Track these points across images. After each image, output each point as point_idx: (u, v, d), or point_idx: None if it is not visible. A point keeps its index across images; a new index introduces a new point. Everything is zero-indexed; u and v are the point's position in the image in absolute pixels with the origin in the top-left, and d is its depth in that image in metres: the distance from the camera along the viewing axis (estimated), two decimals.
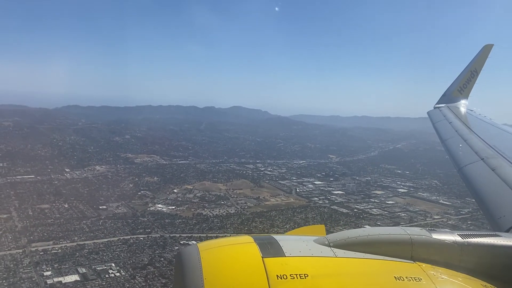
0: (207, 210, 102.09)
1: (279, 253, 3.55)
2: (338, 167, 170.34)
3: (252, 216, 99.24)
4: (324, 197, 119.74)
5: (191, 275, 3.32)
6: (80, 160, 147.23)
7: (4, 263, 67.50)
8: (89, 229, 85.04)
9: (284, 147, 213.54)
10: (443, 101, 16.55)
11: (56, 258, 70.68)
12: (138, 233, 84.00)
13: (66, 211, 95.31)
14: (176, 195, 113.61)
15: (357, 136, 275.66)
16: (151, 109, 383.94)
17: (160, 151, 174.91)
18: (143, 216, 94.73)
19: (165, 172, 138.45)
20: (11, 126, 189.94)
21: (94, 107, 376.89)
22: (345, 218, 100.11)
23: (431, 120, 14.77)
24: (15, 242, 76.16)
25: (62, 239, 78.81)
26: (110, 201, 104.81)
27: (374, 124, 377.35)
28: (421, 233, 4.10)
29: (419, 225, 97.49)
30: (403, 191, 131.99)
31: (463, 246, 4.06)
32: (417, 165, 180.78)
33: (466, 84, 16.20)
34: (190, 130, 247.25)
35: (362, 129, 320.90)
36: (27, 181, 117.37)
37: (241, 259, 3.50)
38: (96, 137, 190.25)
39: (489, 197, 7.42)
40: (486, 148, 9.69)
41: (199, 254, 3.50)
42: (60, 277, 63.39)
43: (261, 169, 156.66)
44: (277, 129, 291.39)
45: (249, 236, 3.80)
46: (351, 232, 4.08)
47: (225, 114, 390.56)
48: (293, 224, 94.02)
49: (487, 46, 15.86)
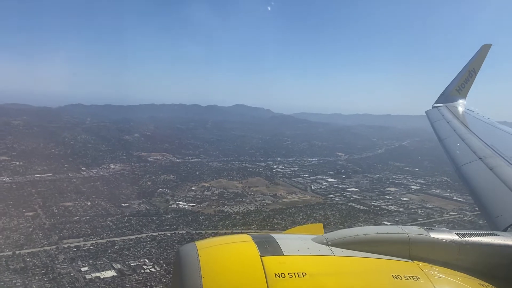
0: (228, 207, 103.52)
1: (278, 251, 3.57)
2: (348, 164, 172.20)
3: (272, 213, 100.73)
4: (339, 194, 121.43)
5: (190, 273, 3.34)
6: (94, 158, 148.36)
7: (40, 259, 68.76)
8: (116, 226, 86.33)
9: (292, 145, 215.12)
10: (441, 100, 16.55)
11: (89, 254, 72.02)
12: (164, 230, 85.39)
13: (89, 209, 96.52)
14: (194, 193, 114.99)
15: (362, 134, 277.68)
16: (154, 108, 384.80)
17: (171, 149, 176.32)
18: (166, 213, 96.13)
19: (180, 170, 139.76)
20: (21, 125, 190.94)
21: (98, 106, 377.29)
22: (363, 214, 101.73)
23: (429, 120, 14.79)
24: (46, 239, 77.37)
25: (91, 236, 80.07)
26: (131, 198, 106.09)
27: (376, 122, 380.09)
28: (419, 232, 4.12)
29: (437, 221, 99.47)
30: (416, 188, 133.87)
31: (461, 245, 4.08)
32: (424, 162, 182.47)
33: (464, 83, 16.27)
34: (197, 129, 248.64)
35: (365, 127, 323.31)
36: (46, 179, 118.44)
37: (239, 257, 3.52)
38: (106, 135, 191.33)
39: (487, 196, 7.39)
40: (484, 148, 9.67)
41: (198, 253, 3.52)
42: (97, 273, 64.70)
43: (273, 167, 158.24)
44: (282, 127, 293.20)
45: (248, 235, 3.84)
46: (349, 231, 4.09)
47: (229, 113, 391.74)
48: (313, 221, 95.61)
49: (485, 46, 15.90)
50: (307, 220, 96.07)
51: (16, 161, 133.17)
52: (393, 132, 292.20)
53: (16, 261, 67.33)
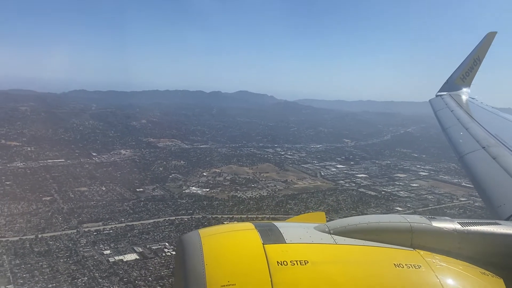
0: (240, 193, 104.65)
1: (280, 239, 3.59)
2: (355, 151, 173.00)
3: (285, 198, 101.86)
4: (349, 180, 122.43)
5: (193, 260, 3.36)
6: (103, 144, 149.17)
7: (63, 243, 70.17)
8: (133, 210, 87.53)
9: (298, 132, 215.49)
10: (445, 89, 16.39)
11: (110, 238, 73.39)
12: (181, 214, 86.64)
13: (105, 194, 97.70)
14: (206, 178, 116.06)
15: (367, 120, 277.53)
16: (158, 94, 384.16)
17: (179, 135, 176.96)
18: (181, 198, 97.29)
19: (189, 156, 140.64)
20: (28, 111, 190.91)
21: (101, 92, 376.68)
22: (375, 200, 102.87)
23: (433, 108, 14.69)
24: (66, 223, 78.70)
25: (110, 220, 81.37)
26: (145, 184, 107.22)
27: (379, 109, 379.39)
28: (421, 221, 4.13)
29: (448, 207, 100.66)
30: (424, 174, 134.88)
31: (463, 234, 4.09)
32: (431, 149, 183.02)
33: (469, 72, 16.06)
34: (202, 115, 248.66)
35: (370, 113, 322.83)
36: (59, 165, 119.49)
37: (242, 245, 3.54)
38: (113, 121, 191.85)
39: (490, 185, 7.38)
40: (488, 137, 9.60)
41: (201, 240, 3.54)
42: (120, 256, 66.08)
43: (281, 153, 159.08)
44: (287, 113, 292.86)
45: (250, 223, 3.85)
46: (351, 220, 4.11)
47: (232, 99, 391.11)
48: (326, 206, 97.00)
49: (491, 33, 15.60)
50: (319, 205, 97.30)
51: (27, 146, 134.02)
52: (398, 119, 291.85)
53: (39, 244, 68.81)
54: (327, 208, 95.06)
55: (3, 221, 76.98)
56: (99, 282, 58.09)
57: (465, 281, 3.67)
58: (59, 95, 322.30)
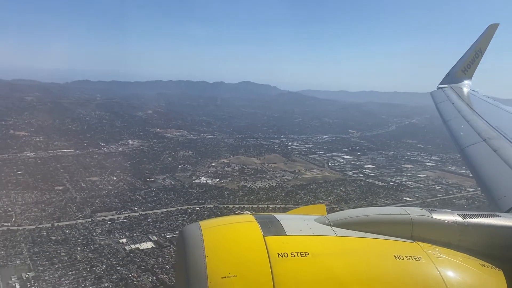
0: (250, 183, 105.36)
1: (280, 231, 3.59)
2: (361, 141, 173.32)
3: (294, 188, 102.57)
4: (357, 170, 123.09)
5: (194, 252, 3.37)
6: (111, 134, 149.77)
7: (79, 231, 71.17)
8: (145, 200, 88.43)
9: (303, 122, 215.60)
10: (447, 81, 16.28)
11: (124, 226, 74.37)
12: (193, 204, 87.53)
13: (116, 183, 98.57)
14: (215, 169, 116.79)
15: (371, 111, 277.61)
16: (161, 84, 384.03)
17: (185, 126, 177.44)
18: (192, 188, 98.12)
19: (197, 146, 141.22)
20: (34, 101, 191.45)
21: (104, 82, 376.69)
22: (383, 191, 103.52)
23: (434, 101, 14.54)
24: (80, 212, 79.64)
25: (123, 209, 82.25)
26: (155, 173, 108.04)
27: (383, 99, 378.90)
28: (422, 213, 4.13)
29: (456, 197, 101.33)
30: (431, 165, 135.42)
31: (463, 226, 4.09)
32: (436, 140, 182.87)
33: (470, 64, 15.92)
34: (207, 106, 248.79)
35: (374, 104, 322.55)
36: (68, 155, 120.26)
37: (242, 237, 3.55)
38: (118, 112, 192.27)
39: (490, 178, 7.34)
40: (489, 129, 9.60)
41: (202, 232, 3.54)
42: (136, 244, 67.06)
43: (287, 144, 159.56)
44: (291, 104, 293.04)
45: (251, 215, 3.86)
46: (352, 212, 4.10)
47: (236, 90, 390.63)
48: (335, 197, 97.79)
49: (493, 25, 15.48)
50: (329, 195, 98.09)
51: (36, 136, 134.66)
52: (402, 110, 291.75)
53: (56, 233, 69.81)
54: (337, 199, 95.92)
55: (19, 210, 77.96)
56: (117, 269, 59.07)
57: (465, 272, 3.68)
58: (63, 85, 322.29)
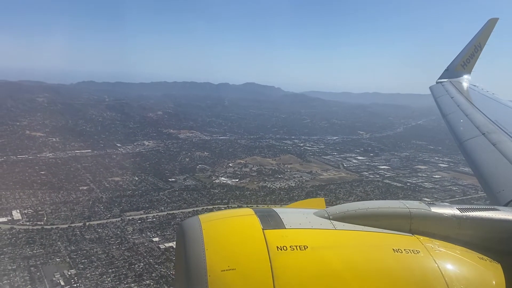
0: (269, 183, 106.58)
1: (279, 225, 3.61)
2: (371, 143, 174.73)
3: (313, 189, 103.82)
4: (372, 171, 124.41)
5: (193, 245, 3.38)
6: (125, 135, 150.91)
7: (111, 230, 72.23)
8: (170, 200, 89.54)
9: (312, 124, 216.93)
10: (446, 76, 16.24)
11: (155, 226, 75.46)
12: (217, 204, 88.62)
13: (139, 183, 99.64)
14: (233, 169, 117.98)
15: (377, 112, 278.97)
16: (166, 86, 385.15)
17: (197, 127, 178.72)
18: (213, 188, 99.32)
19: (212, 147, 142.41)
20: (45, 102, 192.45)
21: (109, 83, 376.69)
22: (401, 191, 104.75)
23: (433, 95, 14.54)
24: (109, 212, 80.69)
25: (150, 209, 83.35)
26: (175, 174, 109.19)
27: (386, 101, 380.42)
28: (420, 207, 4.15)
29: (473, 198, 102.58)
30: (444, 166, 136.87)
31: (462, 220, 4.11)
32: (445, 141, 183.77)
33: (470, 59, 15.92)
34: (215, 107, 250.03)
35: (379, 105, 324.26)
36: (87, 155, 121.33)
37: (242, 230, 3.57)
38: (129, 112, 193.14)
39: (489, 171, 7.35)
40: (488, 123, 9.59)
41: (201, 226, 3.56)
42: (169, 243, 68.08)
43: (300, 145, 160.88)
44: (297, 105, 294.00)
45: (250, 209, 3.88)
46: (351, 205, 4.09)
47: (241, 91, 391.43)
48: (355, 197, 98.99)
49: (492, 20, 15.57)
50: (349, 196, 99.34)
51: (52, 137, 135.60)
52: (408, 111, 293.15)
53: (89, 232, 70.90)
54: (357, 199, 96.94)
55: (49, 210, 79.01)
56: (155, 267, 60.24)
57: (463, 266, 3.71)
58: (69, 86, 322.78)
